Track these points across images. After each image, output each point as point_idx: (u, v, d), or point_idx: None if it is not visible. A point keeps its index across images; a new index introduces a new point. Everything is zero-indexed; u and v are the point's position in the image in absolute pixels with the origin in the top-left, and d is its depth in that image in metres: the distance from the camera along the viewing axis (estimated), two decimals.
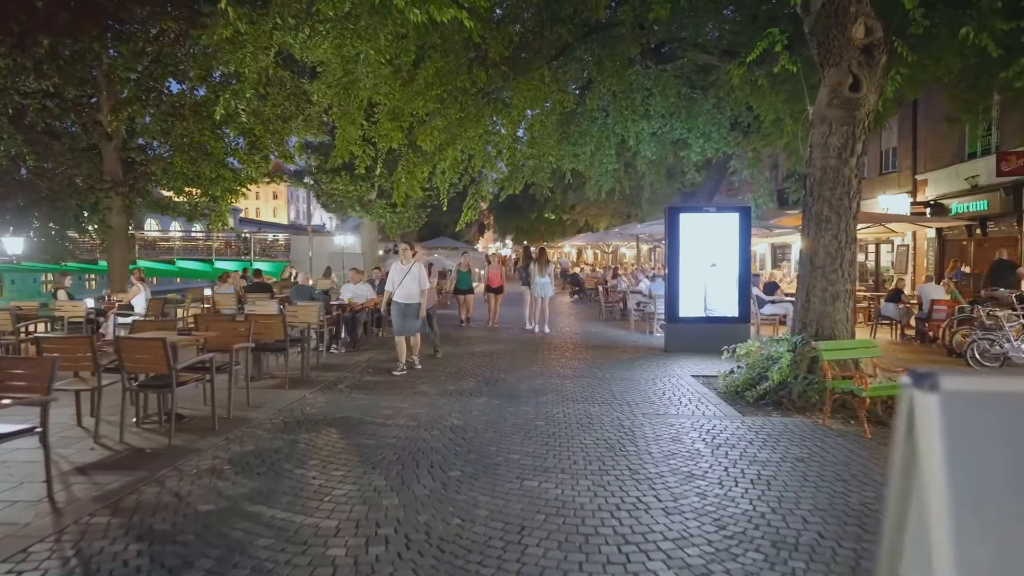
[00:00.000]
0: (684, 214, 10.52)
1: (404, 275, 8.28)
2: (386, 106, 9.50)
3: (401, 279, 8.28)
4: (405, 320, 8.35)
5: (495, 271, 13.93)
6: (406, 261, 8.37)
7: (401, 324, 8.39)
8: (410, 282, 8.27)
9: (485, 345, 11.17)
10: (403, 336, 8.42)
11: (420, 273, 8.34)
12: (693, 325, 10.48)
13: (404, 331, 8.41)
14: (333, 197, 22.33)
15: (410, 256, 8.42)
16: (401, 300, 8.32)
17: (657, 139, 14.15)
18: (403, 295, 8.32)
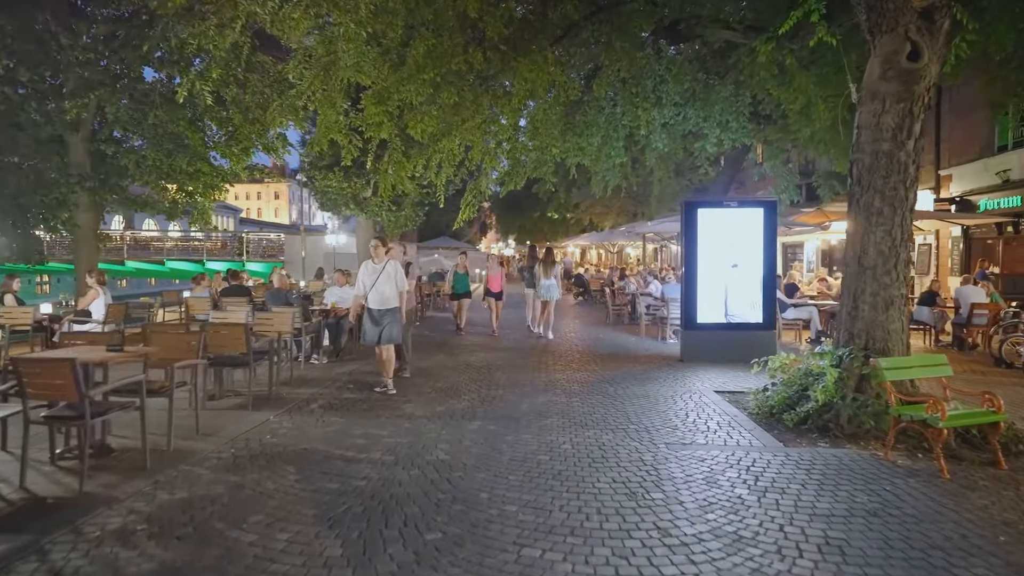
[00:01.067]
0: (703, 209, 9.51)
1: (377, 276, 7.08)
2: (371, 89, 8.50)
3: (373, 281, 7.10)
4: (383, 328, 7.09)
5: (495, 273, 12.57)
6: (378, 259, 7.18)
7: (376, 333, 7.09)
8: (384, 284, 7.05)
9: (483, 354, 10.17)
10: (388, 345, 7.22)
11: (396, 272, 7.12)
12: (712, 332, 9.47)
13: (385, 340, 7.14)
14: (327, 195, 21.37)
15: (383, 253, 7.23)
16: (375, 306, 7.06)
17: (669, 130, 13.17)
18: (377, 300, 7.06)
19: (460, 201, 14.83)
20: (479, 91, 11.41)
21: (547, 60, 9.61)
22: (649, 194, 27.53)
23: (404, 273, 7.30)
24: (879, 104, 5.89)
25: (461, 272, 12.52)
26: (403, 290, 7.18)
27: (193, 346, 5.32)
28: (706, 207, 9.58)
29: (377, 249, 7.24)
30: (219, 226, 63.19)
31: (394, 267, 7.15)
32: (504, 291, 12.49)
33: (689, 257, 9.50)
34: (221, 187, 14.48)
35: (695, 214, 9.46)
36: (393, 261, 7.15)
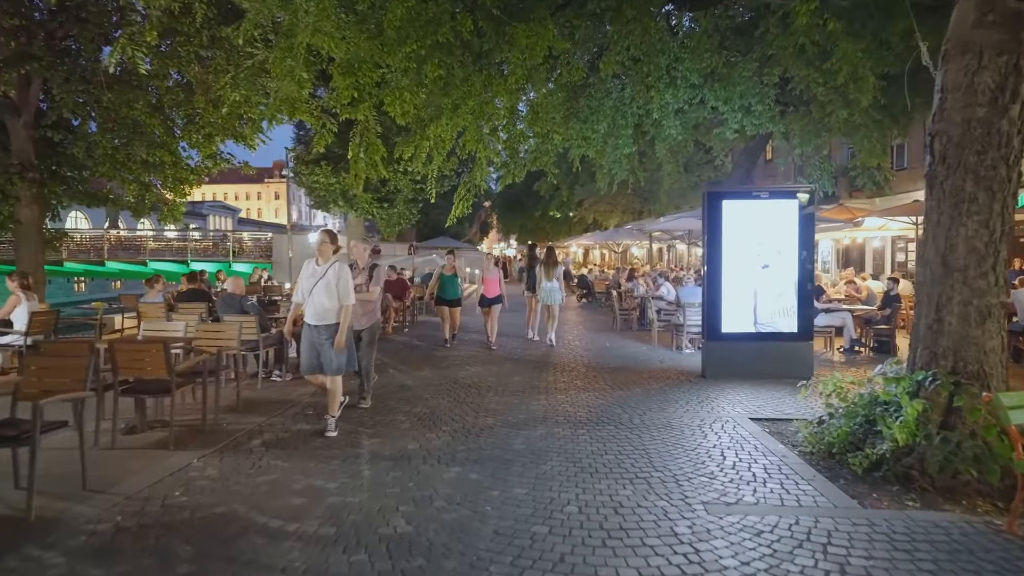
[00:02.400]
0: (728, 201, 8.19)
1: (315, 282, 5.41)
2: (341, 59, 7.20)
3: (311, 287, 5.45)
4: (321, 352, 5.41)
5: (492, 276, 10.80)
6: (323, 259, 5.52)
7: (313, 357, 5.44)
8: (322, 293, 5.34)
9: (474, 369, 8.87)
10: (334, 375, 5.49)
11: (340, 279, 5.37)
12: (739, 344, 8.16)
13: (326, 369, 5.45)
14: (315, 191, 20.14)
15: (329, 252, 5.48)
16: (313, 321, 5.44)
17: (683, 117, 11.86)
18: (314, 313, 5.42)
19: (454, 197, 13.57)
20: (471, 69, 10.13)
21: (547, 28, 8.30)
22: (656, 191, 26.25)
23: (352, 279, 5.62)
24: (973, 59, 4.58)
25: (448, 274, 10.76)
26: (346, 303, 5.43)
27: (79, 373, 4.03)
28: (733, 198, 8.27)
29: (323, 246, 5.52)
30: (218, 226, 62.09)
31: (337, 271, 5.41)
32: (504, 296, 10.88)
33: (712, 256, 8.19)
34: (192, 181, 13.22)
35: (719, 207, 8.15)
36: (340, 263, 5.53)
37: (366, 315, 6.43)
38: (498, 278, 10.73)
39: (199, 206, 69.84)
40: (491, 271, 10.83)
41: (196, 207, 68.00)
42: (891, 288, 11.01)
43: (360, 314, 6.28)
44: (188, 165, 12.60)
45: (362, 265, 6.43)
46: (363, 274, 6.38)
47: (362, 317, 6.36)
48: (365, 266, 6.45)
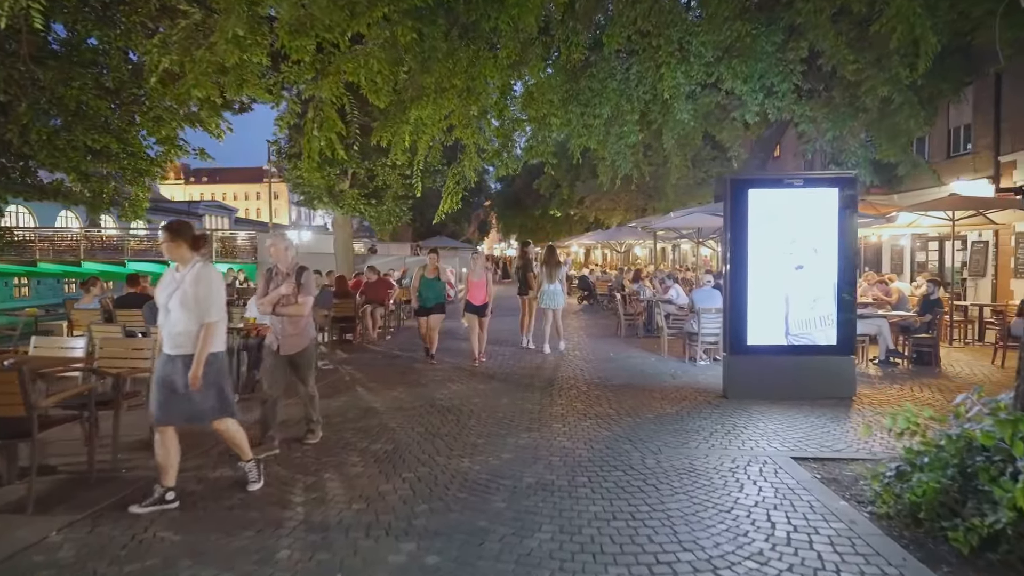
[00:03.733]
0: (756, 190, 6.94)
1: (171, 294, 3.85)
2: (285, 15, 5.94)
3: (166, 302, 3.86)
4: (175, 394, 3.80)
5: (479, 280, 9.28)
6: (182, 265, 3.91)
7: (163, 397, 3.81)
8: (177, 309, 3.80)
9: (456, 387, 7.63)
10: (217, 420, 3.99)
11: (200, 284, 3.81)
12: (768, 358, 6.91)
13: (194, 417, 3.89)
14: (299, 187, 18.90)
15: (186, 252, 3.90)
16: (168, 348, 3.87)
17: (694, 102, 10.63)
18: (169, 337, 3.86)
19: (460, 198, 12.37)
20: (456, 43, 8.90)
21: None
22: (661, 187, 24.99)
23: (223, 289, 4.04)
24: None
25: (430, 277, 9.15)
26: (210, 320, 3.80)
27: None
28: (761, 186, 7.01)
29: (175, 246, 3.88)
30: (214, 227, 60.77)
31: (196, 276, 3.84)
32: (491, 304, 9.36)
33: (736, 256, 6.94)
34: (154, 173, 11.99)
35: (744, 197, 6.90)
36: (203, 264, 3.96)
37: (296, 335, 5.03)
38: (485, 282, 9.28)
39: (195, 206, 68.77)
40: (478, 273, 9.37)
41: (192, 207, 66.95)
42: (931, 291, 9.76)
43: (289, 334, 5.01)
44: (147, 155, 11.36)
45: (285, 269, 5.06)
46: (288, 281, 4.99)
47: (291, 338, 5.02)
48: (290, 270, 5.06)
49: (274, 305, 4.94)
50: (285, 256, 5.06)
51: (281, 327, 5.03)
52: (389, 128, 9.82)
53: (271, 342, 5.06)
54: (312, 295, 5.07)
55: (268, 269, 5.11)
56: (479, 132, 10.27)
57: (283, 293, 4.90)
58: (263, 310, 5.04)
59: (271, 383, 5.06)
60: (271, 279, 5.05)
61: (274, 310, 4.96)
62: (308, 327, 5.16)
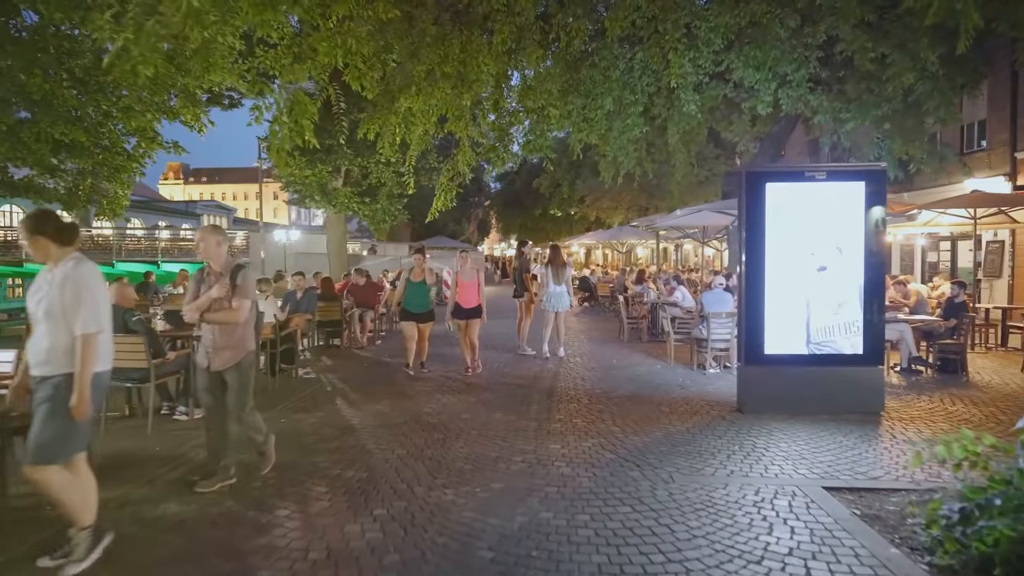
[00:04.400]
0: (774, 183, 6.31)
1: (39, 301, 3.13)
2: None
3: (35, 309, 3.14)
4: (46, 424, 3.04)
5: (469, 281, 8.33)
6: (53, 265, 3.19)
7: (42, 435, 3.03)
8: (45, 319, 3.09)
9: (446, 400, 7.01)
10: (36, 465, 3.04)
11: (68, 286, 3.10)
12: (787, 370, 6.29)
13: (51, 455, 3.05)
14: (291, 184, 18.30)
15: (55, 251, 3.20)
16: (33, 369, 3.14)
17: (701, 94, 10.01)
18: (33, 355, 3.13)
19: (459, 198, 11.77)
20: (448, 28, 8.29)
21: None
22: (664, 185, 24.35)
23: (104, 292, 3.31)
24: None
25: (417, 280, 8.16)
26: (85, 332, 3.08)
27: None
28: (780, 180, 6.37)
29: (32, 240, 3.19)
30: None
31: (64, 279, 3.12)
32: (483, 307, 8.39)
33: (752, 256, 6.32)
34: (133, 170, 11.38)
35: (761, 191, 6.27)
36: (76, 262, 3.22)
37: (229, 347, 4.19)
38: (477, 283, 8.34)
39: (192, 205, 68.21)
40: (468, 273, 8.42)
41: (189, 206, 66.38)
42: (956, 294, 9.12)
43: (221, 347, 4.19)
44: (124, 150, 10.77)
45: (218, 268, 4.29)
46: (221, 282, 4.20)
47: (223, 351, 4.19)
48: (224, 269, 4.29)
49: (203, 312, 4.17)
50: (217, 252, 4.25)
51: (212, 338, 4.20)
52: (377, 120, 9.23)
53: (200, 357, 4.30)
54: (250, 298, 4.26)
55: (200, 269, 4.39)
56: (473, 124, 9.67)
57: (213, 297, 4.14)
58: (189, 317, 4.26)
59: (208, 406, 4.33)
60: (202, 280, 4.30)
61: (203, 317, 4.19)
62: (245, 338, 4.26)
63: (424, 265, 8.25)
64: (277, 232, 21.26)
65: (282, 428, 5.65)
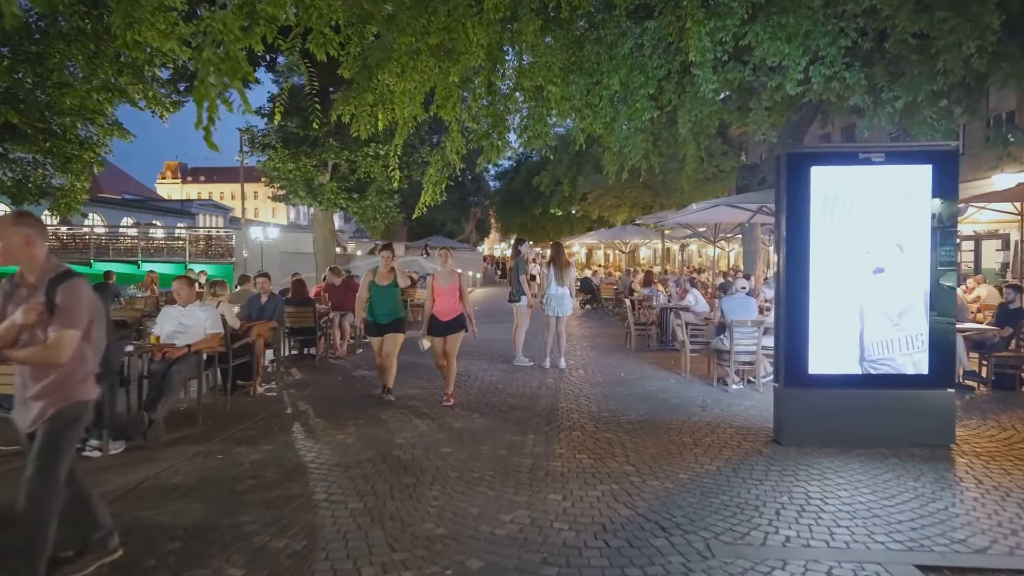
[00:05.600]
0: (820, 167, 5.20)
1: None
2: None
3: None
4: None
5: (447, 287, 6.67)
6: None
7: None
8: None
9: (423, 426, 5.91)
10: None
11: None
12: (837, 393, 5.19)
13: None
14: (274, 179, 17.22)
15: None
16: None
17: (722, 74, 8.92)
18: None
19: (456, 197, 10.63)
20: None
21: None
22: (671, 182, 23.27)
23: None
24: None
25: (383, 284, 6.60)
26: None
27: None
28: (827, 162, 5.26)
29: None
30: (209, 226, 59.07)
31: None
32: (470, 319, 6.80)
33: (794, 255, 5.21)
34: (88, 160, 10.30)
35: (805, 176, 5.17)
36: None
37: (44, 396, 2.82)
38: (456, 288, 6.71)
39: (188, 205, 67.18)
40: (446, 277, 6.74)
41: (185, 206, 65.36)
42: (1011, 299, 8.03)
43: (32, 395, 2.83)
44: (76, 137, 9.68)
45: (32, 278, 2.90)
46: (33, 298, 2.82)
47: (34, 403, 2.82)
48: (39, 281, 2.88)
49: (4, 345, 2.81)
50: (27, 254, 2.84)
51: (22, 381, 2.87)
52: (353, 100, 8.13)
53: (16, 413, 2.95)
54: (77, 326, 2.79)
55: (8, 278, 3.00)
56: (462, 106, 8.56)
57: (18, 323, 2.76)
58: None
59: None
60: (10, 296, 2.92)
61: (4, 354, 2.83)
62: (69, 384, 2.85)
63: (393, 264, 6.69)
64: (253, 229, 20.08)
65: (213, 468, 4.55)
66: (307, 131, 15.71)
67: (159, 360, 5.51)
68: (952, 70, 6.50)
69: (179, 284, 5.98)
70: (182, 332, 5.80)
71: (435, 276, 6.83)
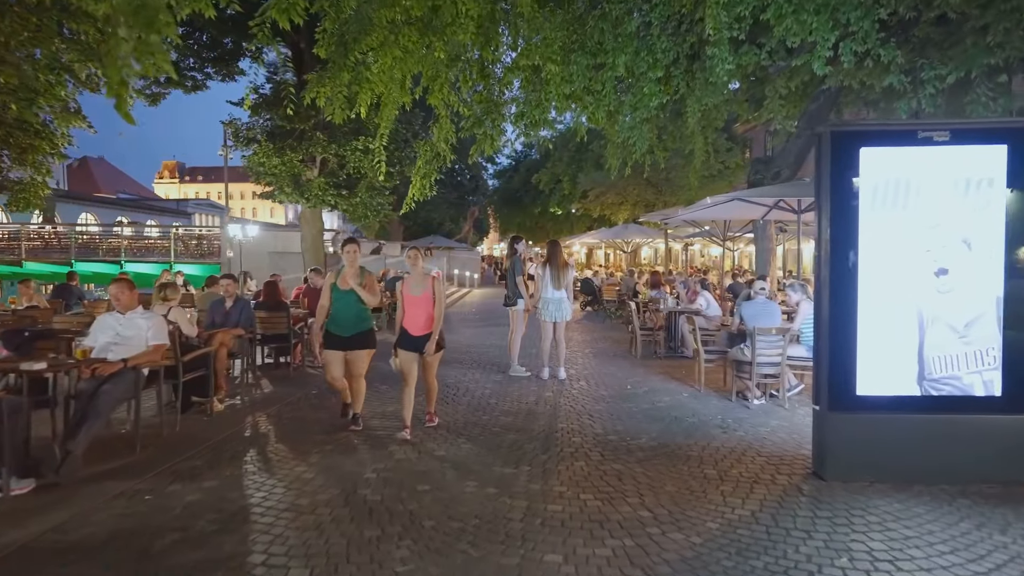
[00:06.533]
0: (871, 148, 4.35)
1: None
2: None
3: None
4: None
5: (419, 295, 5.47)
6: None
7: None
8: None
9: (400, 456, 5.06)
10: None
11: None
12: (891, 418, 4.35)
13: None
14: (259, 175, 16.36)
15: None
16: None
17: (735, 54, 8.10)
18: None
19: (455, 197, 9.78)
20: None
21: None
22: (674, 179, 22.46)
23: None
24: None
25: (345, 288, 5.38)
26: None
27: None
28: (880, 142, 4.40)
29: None
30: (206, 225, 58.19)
31: None
32: (437, 332, 5.48)
33: (839, 254, 4.37)
34: (47, 151, 9.48)
35: (852, 159, 4.32)
36: None
37: None
38: (429, 297, 5.45)
39: (183, 204, 66.30)
40: (417, 283, 5.50)
41: (180, 205, 64.47)
42: None
43: None
44: (33, 125, 8.84)
45: None
46: None
47: None
48: None
49: None
50: None
51: None
52: (328, 81, 7.29)
53: None
54: None
55: None
56: (451, 89, 7.72)
57: None
58: None
59: None
60: None
61: None
62: None
63: (358, 263, 5.49)
64: (232, 227, 19.20)
65: (135, 515, 3.70)
66: (293, 124, 14.88)
67: (88, 378, 4.66)
68: (1007, 43, 5.65)
69: (117, 287, 5.13)
70: (119, 344, 4.96)
71: (404, 282, 5.60)
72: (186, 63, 15.79)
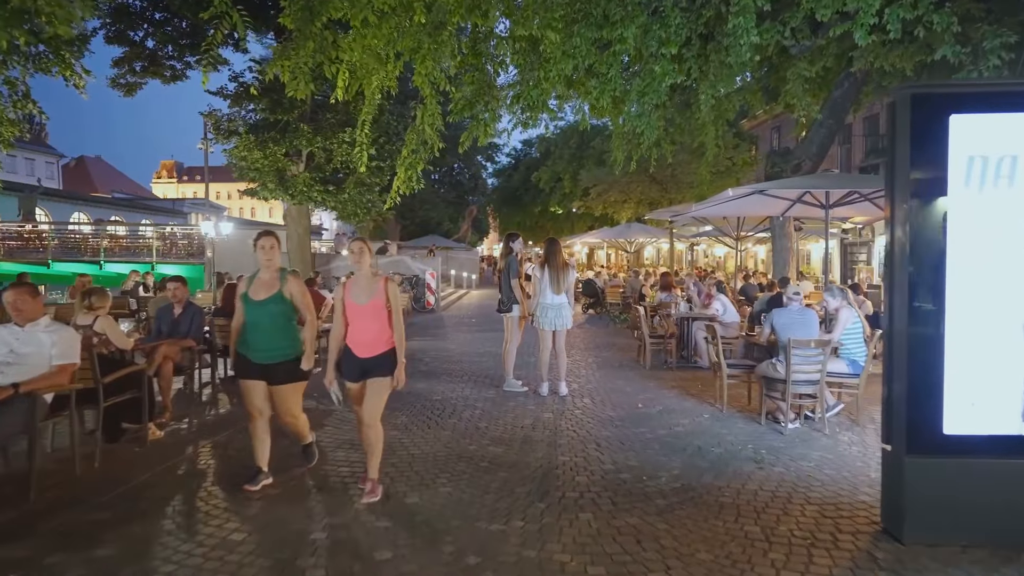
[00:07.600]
0: (964, 115, 3.36)
1: None
2: None
3: None
4: None
5: (365, 304, 3.97)
6: None
7: None
8: None
9: (366, 500, 4.08)
10: None
11: None
12: (989, 464, 3.36)
13: None
14: (242, 170, 15.39)
15: None
16: None
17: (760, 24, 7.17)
18: None
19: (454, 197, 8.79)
20: None
21: None
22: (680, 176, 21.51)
23: None
24: None
25: (260, 299, 4.06)
26: None
27: None
28: (976, 108, 3.40)
29: None
30: None
31: None
32: (396, 356, 4.01)
33: (919, 251, 3.39)
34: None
35: (939, 131, 3.34)
36: None
37: None
38: (381, 306, 3.99)
39: (180, 203, 65.34)
40: (362, 288, 4.04)
41: (176, 205, 63.49)
42: None
43: None
44: None
45: None
46: None
47: None
48: None
49: None
50: None
51: None
52: (292, 52, 6.31)
53: None
54: None
55: None
56: (433, 62, 6.73)
57: None
58: None
59: None
60: None
61: None
62: None
63: (277, 263, 4.15)
64: (204, 225, 18.21)
65: None
66: (276, 115, 13.92)
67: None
68: None
69: (15, 294, 4.15)
70: (11, 363, 3.98)
71: (345, 286, 4.14)
72: (164, 51, 14.82)
